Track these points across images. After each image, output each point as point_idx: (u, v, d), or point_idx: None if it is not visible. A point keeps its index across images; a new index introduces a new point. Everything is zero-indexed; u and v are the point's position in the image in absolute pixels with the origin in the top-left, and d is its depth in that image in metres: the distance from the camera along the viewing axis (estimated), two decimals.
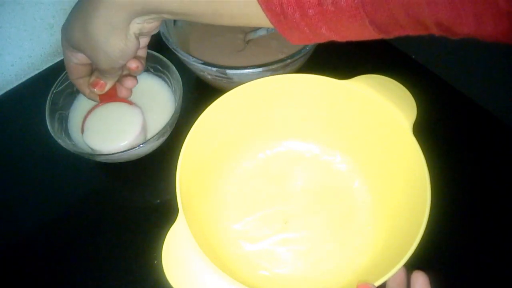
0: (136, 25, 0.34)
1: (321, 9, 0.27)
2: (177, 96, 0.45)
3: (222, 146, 0.41)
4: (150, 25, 0.35)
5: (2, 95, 0.55)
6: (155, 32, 0.37)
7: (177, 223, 0.31)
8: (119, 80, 0.42)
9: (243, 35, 0.52)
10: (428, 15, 0.24)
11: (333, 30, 0.28)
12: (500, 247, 0.42)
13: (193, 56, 0.44)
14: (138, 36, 0.35)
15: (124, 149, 0.41)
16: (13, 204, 0.46)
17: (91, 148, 0.42)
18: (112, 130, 0.43)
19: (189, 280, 0.30)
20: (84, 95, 0.43)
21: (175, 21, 0.51)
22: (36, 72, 0.57)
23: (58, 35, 0.55)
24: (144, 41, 0.39)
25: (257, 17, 0.30)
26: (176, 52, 0.45)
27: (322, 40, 0.30)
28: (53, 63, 0.57)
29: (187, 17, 0.33)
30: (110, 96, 0.43)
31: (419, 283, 0.30)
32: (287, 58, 0.43)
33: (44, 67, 0.57)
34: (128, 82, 0.43)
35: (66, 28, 0.37)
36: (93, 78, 0.40)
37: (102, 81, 0.40)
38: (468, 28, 0.23)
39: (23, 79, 0.56)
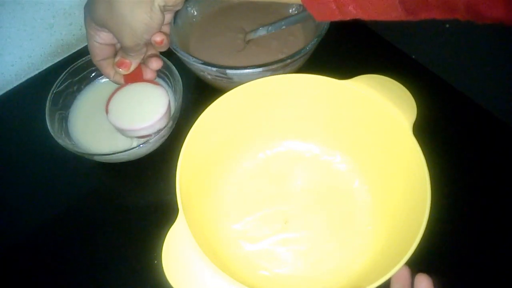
0: None
1: None
2: (177, 96, 0.45)
3: (222, 146, 0.41)
4: None
5: (2, 95, 0.55)
6: (179, 7, 0.37)
7: (177, 223, 0.31)
8: (144, 62, 0.42)
9: (243, 35, 0.52)
10: None
11: (360, 7, 0.28)
12: (500, 247, 0.42)
13: (193, 56, 0.44)
14: (163, 9, 0.35)
15: (147, 131, 0.42)
16: (13, 204, 0.46)
17: (117, 128, 0.42)
18: (138, 110, 0.42)
19: (189, 280, 0.30)
20: (109, 78, 0.42)
21: (175, 21, 0.51)
22: (36, 72, 0.57)
23: (58, 35, 0.56)
24: (168, 17, 0.39)
25: None
26: (176, 52, 0.45)
27: (347, 17, 0.30)
28: (53, 63, 0.57)
29: None
30: (135, 78, 0.42)
31: (423, 285, 0.29)
32: (287, 58, 0.43)
33: (44, 67, 0.57)
34: (153, 63, 0.42)
35: (90, 5, 0.36)
36: (117, 58, 0.40)
37: (127, 60, 0.40)
38: (497, 12, 0.23)
39: (23, 79, 0.56)
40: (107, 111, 0.43)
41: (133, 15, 0.34)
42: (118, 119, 0.42)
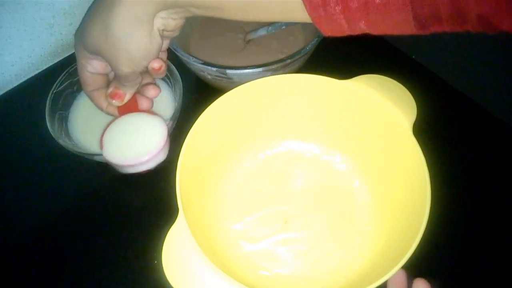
0: (160, 20, 0.32)
1: (365, 2, 0.27)
2: (177, 96, 0.45)
3: (222, 146, 0.41)
4: (174, 22, 0.33)
5: (2, 95, 0.55)
6: (176, 33, 0.36)
7: (177, 223, 0.31)
8: (139, 91, 0.39)
9: (243, 35, 0.52)
10: (473, 6, 0.24)
11: (372, 23, 0.29)
12: (500, 247, 0.42)
13: (193, 56, 0.44)
14: (162, 34, 0.34)
15: (147, 166, 0.39)
16: (13, 204, 0.46)
17: (113, 164, 0.39)
18: (134, 143, 0.39)
19: (189, 280, 0.30)
20: (101, 109, 0.39)
21: None
22: (36, 72, 0.57)
23: (58, 35, 0.56)
24: (166, 43, 0.37)
25: (293, 9, 0.29)
26: (176, 52, 0.45)
27: (356, 33, 0.30)
28: (53, 63, 0.57)
29: (215, 11, 0.31)
30: (129, 108, 0.39)
31: None
32: (287, 58, 0.43)
33: (44, 67, 0.57)
34: (150, 91, 0.39)
35: (82, 30, 0.34)
36: (111, 89, 0.37)
37: (121, 91, 0.37)
38: (510, 23, 0.23)
39: (23, 79, 0.56)
40: (101, 146, 0.39)
41: (131, 39, 0.32)
42: (114, 154, 0.38)
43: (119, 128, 0.39)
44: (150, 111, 0.41)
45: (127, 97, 0.38)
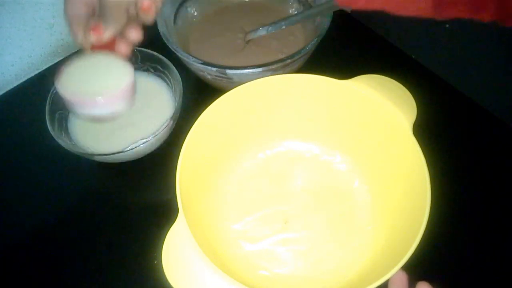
0: None
1: None
2: (177, 96, 0.45)
3: (222, 146, 0.41)
4: None
5: (2, 95, 0.55)
6: None
7: (177, 223, 0.31)
8: (122, 32, 0.35)
9: (243, 35, 0.52)
10: None
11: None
12: (500, 247, 0.42)
13: (193, 56, 0.44)
14: None
15: (101, 110, 0.35)
16: (13, 204, 0.46)
17: (67, 100, 0.35)
18: (94, 82, 0.35)
19: (189, 280, 0.30)
20: (76, 40, 0.35)
21: (175, 21, 0.51)
22: (36, 72, 0.56)
23: (58, 35, 0.56)
24: None
25: None
26: (176, 52, 0.45)
27: (370, 7, 0.30)
28: (53, 63, 0.57)
29: None
30: (105, 49, 0.35)
31: None
32: (287, 58, 0.43)
33: (44, 67, 0.57)
34: (132, 33, 0.35)
35: None
36: (92, 23, 0.33)
37: (101, 26, 0.33)
38: None
39: (23, 79, 0.56)
40: (57, 79, 0.35)
41: None
42: (67, 88, 0.34)
43: (84, 63, 0.35)
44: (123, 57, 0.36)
45: (107, 35, 0.34)
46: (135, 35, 0.35)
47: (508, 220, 0.43)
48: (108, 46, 0.35)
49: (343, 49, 0.56)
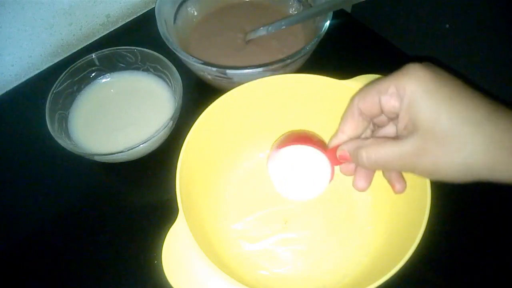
0: None
1: None
2: (177, 96, 0.45)
3: (222, 146, 0.41)
4: None
5: (2, 95, 0.55)
6: None
7: (177, 223, 0.31)
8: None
9: (243, 35, 0.52)
10: None
11: None
12: (500, 246, 0.42)
13: (193, 56, 0.44)
14: None
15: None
16: (13, 204, 0.46)
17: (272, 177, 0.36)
18: (299, 172, 0.35)
19: (189, 280, 0.30)
20: (338, 129, 0.32)
21: (175, 21, 0.51)
22: (36, 72, 0.57)
23: (58, 35, 0.56)
24: None
25: None
26: (176, 52, 0.45)
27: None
28: (53, 63, 0.57)
29: None
30: (334, 158, 0.33)
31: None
32: (287, 58, 0.43)
33: (44, 67, 0.57)
34: (359, 182, 0.32)
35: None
36: (350, 148, 0.30)
37: (349, 158, 0.31)
38: None
39: (23, 79, 0.56)
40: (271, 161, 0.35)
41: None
42: (278, 174, 0.35)
43: (294, 152, 0.34)
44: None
45: (358, 177, 0.32)
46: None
47: (509, 220, 0.43)
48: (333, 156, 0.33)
49: (343, 49, 0.56)
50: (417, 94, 0.25)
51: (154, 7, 0.48)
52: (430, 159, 0.25)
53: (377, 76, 0.38)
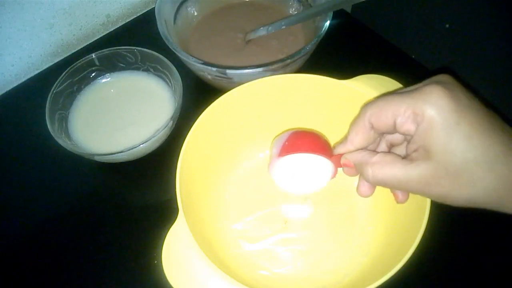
0: None
1: None
2: (177, 96, 0.45)
3: (222, 146, 0.41)
4: None
5: (2, 95, 0.55)
6: None
7: (177, 223, 0.31)
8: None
9: (243, 35, 0.52)
10: None
11: None
12: (500, 246, 0.42)
13: (193, 56, 0.44)
14: None
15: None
16: (13, 204, 0.46)
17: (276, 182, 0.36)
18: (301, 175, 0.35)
19: (189, 280, 0.30)
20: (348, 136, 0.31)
21: (175, 21, 0.51)
22: (36, 72, 0.57)
23: (58, 35, 0.56)
24: None
25: None
26: (176, 52, 0.45)
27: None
28: (53, 63, 0.57)
29: None
30: (339, 163, 0.32)
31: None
32: (287, 58, 0.43)
33: (44, 67, 0.57)
34: (363, 188, 0.32)
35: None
36: (356, 160, 0.30)
37: (353, 167, 0.30)
38: None
39: (23, 79, 0.56)
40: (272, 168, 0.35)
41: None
42: (281, 178, 0.35)
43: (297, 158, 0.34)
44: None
45: (362, 183, 0.31)
46: (365, 191, 0.32)
47: (509, 220, 0.43)
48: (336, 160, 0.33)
49: (343, 49, 0.56)
50: (435, 125, 0.24)
51: (154, 7, 0.48)
52: (439, 189, 0.25)
53: (376, 76, 0.38)
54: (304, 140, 0.34)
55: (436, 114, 0.24)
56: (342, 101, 0.39)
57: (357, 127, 0.30)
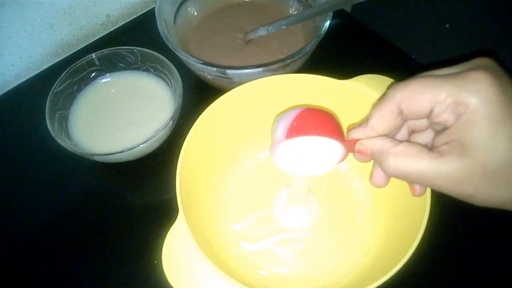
0: None
1: None
2: (177, 96, 0.45)
3: (222, 146, 0.41)
4: None
5: (2, 95, 0.55)
6: None
7: (177, 223, 0.31)
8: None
9: (243, 35, 0.52)
10: None
11: None
12: (500, 246, 0.42)
13: (193, 56, 0.44)
14: None
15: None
16: (13, 204, 0.46)
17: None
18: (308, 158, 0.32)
19: (189, 280, 0.30)
20: (353, 130, 0.29)
21: (175, 21, 0.51)
22: (36, 72, 0.57)
23: (58, 35, 0.56)
24: None
25: None
26: (176, 52, 0.45)
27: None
28: (53, 63, 0.57)
29: None
30: (351, 148, 0.29)
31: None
32: (287, 58, 0.43)
33: (44, 67, 0.57)
34: (375, 176, 0.29)
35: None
36: (376, 148, 0.26)
37: (369, 152, 0.27)
38: None
39: (23, 79, 0.56)
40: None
41: None
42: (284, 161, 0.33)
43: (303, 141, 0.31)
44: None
45: (378, 172, 0.28)
46: (379, 180, 0.29)
47: (509, 220, 0.43)
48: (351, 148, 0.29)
49: (343, 49, 0.56)
50: (479, 119, 0.22)
51: (154, 7, 0.48)
52: (470, 189, 0.23)
53: (376, 76, 0.38)
54: (315, 121, 0.30)
55: (482, 106, 0.22)
56: (342, 101, 0.39)
57: (382, 111, 0.26)
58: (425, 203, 0.31)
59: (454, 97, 0.22)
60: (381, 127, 0.27)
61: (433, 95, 0.23)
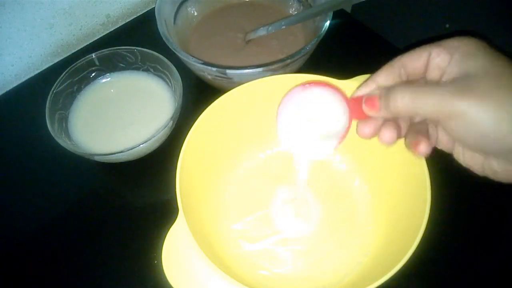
0: None
1: None
2: (177, 96, 0.45)
3: (222, 146, 0.41)
4: None
5: (2, 95, 0.55)
6: None
7: (177, 223, 0.31)
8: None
9: (243, 35, 0.52)
10: None
11: None
12: (500, 246, 0.42)
13: (193, 56, 0.44)
14: None
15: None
16: (13, 204, 0.46)
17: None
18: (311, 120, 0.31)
19: (189, 280, 0.30)
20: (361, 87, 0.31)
21: (175, 21, 0.51)
22: (36, 72, 0.57)
23: (58, 35, 0.56)
24: None
25: None
26: (176, 52, 0.45)
27: None
28: (53, 63, 0.57)
29: None
30: (356, 110, 0.30)
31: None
32: (287, 58, 0.43)
33: (44, 67, 0.57)
34: (386, 132, 0.30)
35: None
36: (381, 91, 0.29)
37: (378, 106, 0.29)
38: None
39: (23, 79, 0.56)
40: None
41: None
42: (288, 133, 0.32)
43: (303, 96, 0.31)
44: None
45: (386, 128, 0.30)
46: (389, 135, 0.30)
47: (509, 220, 0.43)
48: (358, 109, 0.30)
49: (343, 49, 0.56)
50: (470, 48, 0.27)
51: (154, 7, 0.48)
52: (474, 97, 0.24)
53: None
54: (319, 82, 0.32)
55: (474, 45, 0.27)
56: None
57: (383, 67, 0.31)
58: (425, 203, 0.31)
59: (443, 46, 0.28)
60: (382, 78, 0.31)
61: (428, 46, 0.29)
